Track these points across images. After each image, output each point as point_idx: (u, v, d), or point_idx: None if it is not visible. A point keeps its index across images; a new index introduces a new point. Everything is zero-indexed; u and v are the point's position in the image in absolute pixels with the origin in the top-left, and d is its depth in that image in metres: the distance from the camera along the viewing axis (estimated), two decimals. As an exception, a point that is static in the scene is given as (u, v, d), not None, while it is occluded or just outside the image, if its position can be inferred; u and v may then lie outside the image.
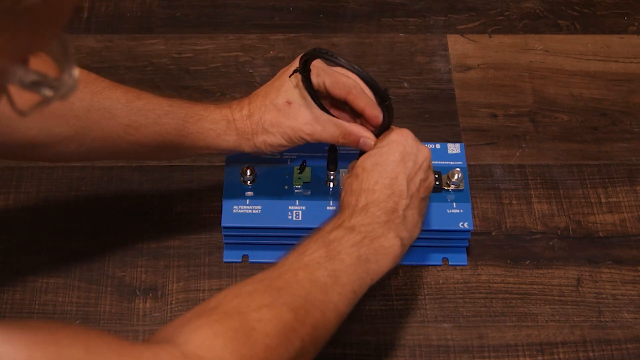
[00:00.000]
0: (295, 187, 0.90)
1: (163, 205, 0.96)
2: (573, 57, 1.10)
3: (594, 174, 0.99)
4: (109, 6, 1.14)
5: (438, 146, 0.93)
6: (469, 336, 0.87)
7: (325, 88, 0.81)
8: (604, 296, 0.90)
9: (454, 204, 0.89)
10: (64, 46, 0.45)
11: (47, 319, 0.87)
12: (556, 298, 0.90)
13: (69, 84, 0.45)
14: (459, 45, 1.11)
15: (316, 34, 1.11)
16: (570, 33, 1.12)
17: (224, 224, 0.88)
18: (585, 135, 1.03)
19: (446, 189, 0.90)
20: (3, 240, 0.92)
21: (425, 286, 0.90)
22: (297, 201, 0.89)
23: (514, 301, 0.89)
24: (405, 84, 1.07)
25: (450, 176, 0.90)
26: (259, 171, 0.90)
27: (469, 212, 0.89)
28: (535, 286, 0.90)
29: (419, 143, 0.79)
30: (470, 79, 1.08)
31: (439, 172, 0.90)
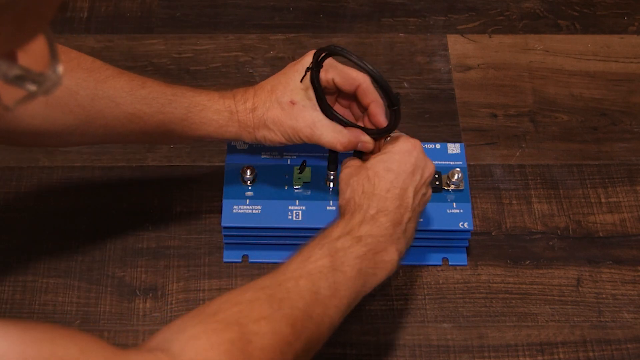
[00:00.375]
0: (295, 187, 0.90)
1: (163, 205, 0.95)
2: (573, 57, 1.10)
3: (594, 174, 0.99)
4: (109, 6, 1.14)
5: (438, 146, 0.93)
6: (469, 336, 0.87)
7: (335, 84, 0.81)
8: (604, 296, 0.90)
9: (454, 204, 0.89)
10: (49, 41, 0.45)
11: (47, 319, 0.87)
12: (556, 298, 0.90)
13: (52, 79, 0.45)
14: (459, 45, 1.11)
15: (316, 34, 1.11)
16: (570, 33, 1.12)
17: (224, 224, 0.88)
18: (585, 135, 1.03)
19: (446, 189, 0.90)
20: (3, 240, 0.92)
21: (425, 286, 0.90)
22: (297, 201, 0.89)
23: (514, 301, 0.89)
24: (405, 84, 1.07)
25: (450, 176, 0.90)
26: (259, 171, 0.90)
27: (469, 212, 0.89)
28: (535, 286, 0.90)
29: (426, 156, 0.80)
30: (470, 79, 1.08)
31: (439, 172, 0.90)
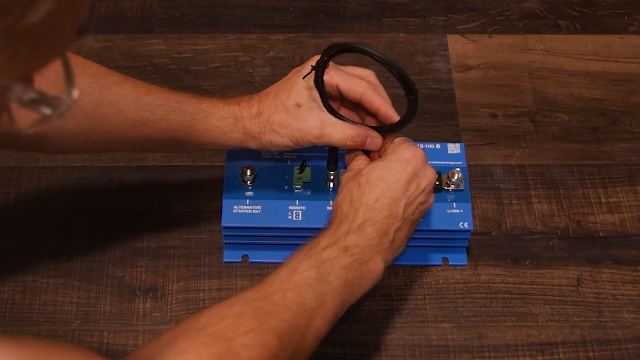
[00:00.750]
0: (295, 187, 0.90)
1: (163, 205, 0.95)
2: (573, 57, 1.10)
3: (594, 174, 0.99)
4: (109, 6, 1.14)
5: (438, 146, 0.93)
6: (469, 336, 0.87)
7: (339, 90, 0.81)
8: (604, 296, 0.90)
9: (454, 204, 0.89)
10: (65, 65, 0.45)
11: (47, 319, 0.87)
12: (556, 298, 0.90)
13: (67, 103, 0.45)
14: (459, 45, 1.11)
15: (316, 34, 1.11)
16: (570, 33, 1.12)
17: (224, 224, 0.88)
18: (585, 135, 1.03)
19: (446, 189, 0.90)
20: (3, 240, 0.92)
21: (425, 286, 0.90)
22: (297, 201, 0.89)
23: (514, 301, 0.89)
24: (405, 84, 1.07)
25: (450, 176, 0.90)
26: (259, 171, 0.91)
27: (469, 212, 0.89)
28: (535, 286, 0.90)
29: (427, 165, 0.79)
30: (470, 79, 1.08)
31: (439, 172, 0.90)
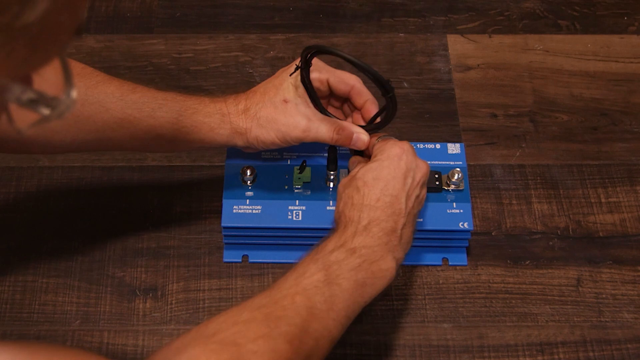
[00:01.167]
0: (295, 187, 0.90)
1: (163, 205, 0.95)
2: (573, 57, 1.10)
3: (594, 174, 0.99)
4: (109, 6, 1.14)
5: (438, 146, 0.93)
6: (469, 336, 0.87)
7: (329, 84, 0.82)
8: (604, 296, 0.90)
9: (454, 204, 0.89)
10: (64, 65, 0.45)
11: (47, 319, 0.87)
12: (556, 298, 0.90)
13: (66, 103, 0.45)
14: (459, 45, 1.11)
15: (316, 34, 1.12)
16: (570, 33, 1.12)
17: (224, 224, 0.88)
18: (585, 135, 1.03)
19: (446, 189, 0.90)
20: (3, 240, 0.92)
21: (425, 286, 0.90)
22: (297, 201, 0.89)
23: (514, 301, 0.89)
24: (405, 84, 1.07)
25: (450, 176, 0.90)
26: (259, 171, 0.90)
27: (469, 212, 0.89)
28: (535, 286, 0.90)
29: (418, 158, 0.79)
30: (470, 79, 1.08)
31: (439, 172, 0.90)
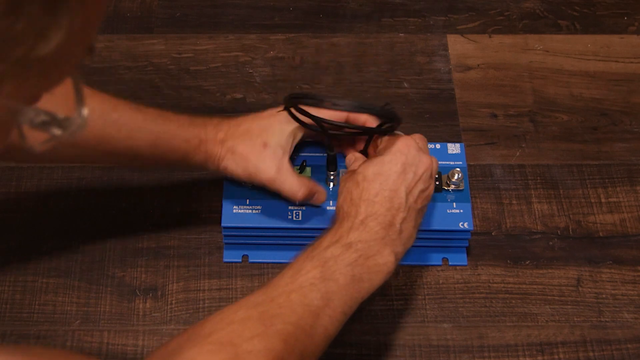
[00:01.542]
0: (295, 187, 0.90)
1: (163, 205, 0.95)
2: (573, 57, 1.10)
3: (594, 174, 0.99)
4: (109, 6, 1.14)
5: (438, 146, 0.93)
6: (469, 336, 0.87)
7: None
8: (604, 296, 0.90)
9: (454, 204, 0.89)
10: (75, 85, 0.45)
11: (47, 319, 0.87)
12: (556, 298, 0.90)
13: (77, 122, 0.45)
14: (459, 45, 1.11)
15: (316, 34, 1.12)
16: (570, 33, 1.12)
17: (224, 224, 0.88)
18: (585, 135, 1.03)
19: (446, 189, 0.90)
20: (3, 240, 0.92)
21: (425, 286, 0.90)
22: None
23: (514, 301, 0.89)
24: (405, 84, 1.07)
25: (450, 176, 0.90)
26: (259, 171, 0.90)
27: (469, 212, 0.89)
28: (535, 286, 0.90)
29: (422, 153, 0.79)
30: (470, 79, 1.08)
31: (439, 172, 0.90)
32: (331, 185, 0.90)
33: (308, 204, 0.88)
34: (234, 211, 0.88)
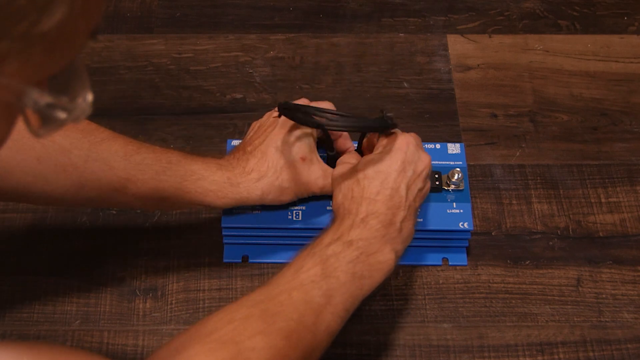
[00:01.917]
0: (295, 187, 0.90)
1: (163, 205, 0.95)
2: (573, 57, 1.10)
3: (594, 174, 0.99)
4: (109, 6, 1.14)
5: (438, 146, 0.93)
6: (469, 336, 0.87)
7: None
8: (604, 296, 0.90)
9: (454, 204, 0.89)
10: (80, 69, 0.45)
11: (47, 319, 0.87)
12: (556, 298, 0.90)
13: (82, 107, 0.45)
14: (459, 45, 1.11)
15: (316, 34, 1.12)
16: (570, 33, 1.12)
17: (224, 224, 0.88)
18: (585, 135, 1.03)
19: (446, 189, 0.90)
20: (3, 240, 0.92)
21: (425, 286, 0.90)
22: (298, 201, 0.89)
23: (514, 301, 0.89)
24: (405, 84, 1.07)
25: (450, 176, 0.90)
26: (259, 171, 0.90)
27: (469, 212, 0.89)
28: (535, 286, 0.90)
29: (421, 150, 0.80)
30: (470, 79, 1.08)
31: (439, 172, 0.90)
32: (331, 185, 0.90)
33: (310, 200, 0.88)
34: (234, 211, 0.88)
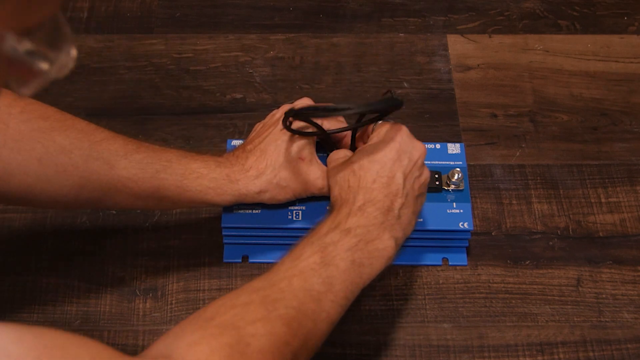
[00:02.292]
0: (295, 187, 0.90)
1: (163, 205, 0.95)
2: (573, 57, 1.10)
3: (594, 174, 0.99)
4: (109, 6, 1.14)
5: (438, 146, 0.93)
6: (469, 336, 0.87)
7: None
8: (604, 296, 0.90)
9: (454, 204, 0.89)
10: (62, 25, 0.45)
11: (47, 318, 0.87)
12: (556, 298, 0.90)
13: (64, 59, 0.44)
14: (459, 45, 1.11)
15: (316, 34, 1.12)
16: (570, 33, 1.12)
17: (224, 224, 0.88)
18: (585, 135, 1.03)
19: (446, 189, 0.90)
20: (3, 240, 0.92)
21: (425, 286, 0.90)
22: (297, 201, 0.89)
23: (514, 301, 0.89)
24: (405, 84, 1.07)
25: (450, 176, 0.90)
26: (259, 171, 0.90)
27: (469, 212, 0.89)
28: (535, 286, 0.90)
29: (414, 139, 0.80)
30: (470, 79, 1.08)
31: (439, 172, 0.90)
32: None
33: (310, 200, 0.88)
34: (234, 211, 0.88)
